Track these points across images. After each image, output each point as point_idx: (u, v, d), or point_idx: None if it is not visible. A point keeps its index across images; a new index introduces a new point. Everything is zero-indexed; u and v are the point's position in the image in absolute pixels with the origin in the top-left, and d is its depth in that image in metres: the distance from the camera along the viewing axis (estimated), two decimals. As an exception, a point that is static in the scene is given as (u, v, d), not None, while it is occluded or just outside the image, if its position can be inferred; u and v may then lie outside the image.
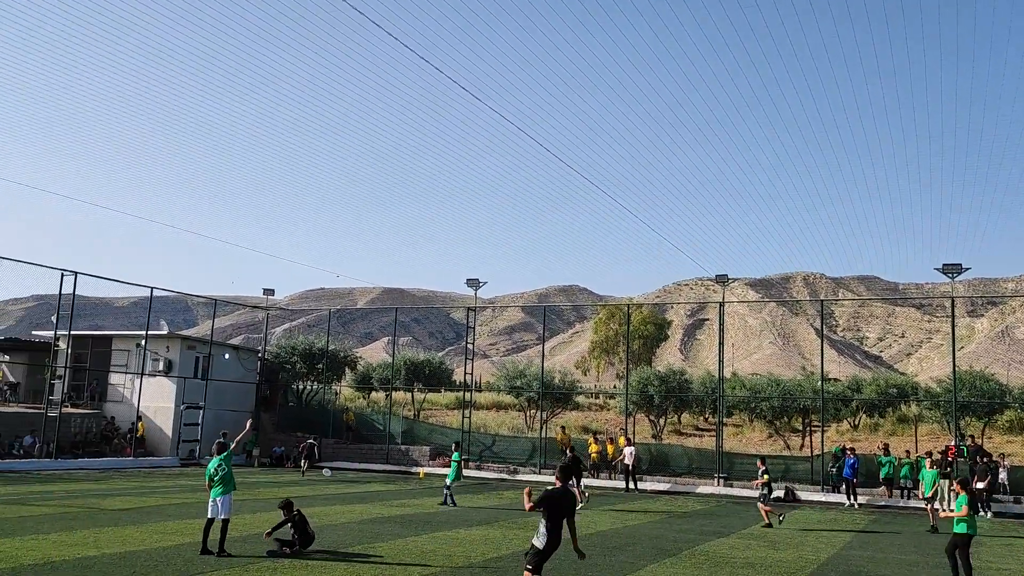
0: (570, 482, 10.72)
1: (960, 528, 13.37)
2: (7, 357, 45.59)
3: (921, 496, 25.42)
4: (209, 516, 14.16)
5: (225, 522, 14.12)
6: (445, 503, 24.28)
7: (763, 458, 24.86)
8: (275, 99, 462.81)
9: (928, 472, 23.91)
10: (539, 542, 9.95)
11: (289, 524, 14.68)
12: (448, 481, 24.83)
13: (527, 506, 10.10)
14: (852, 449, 31.40)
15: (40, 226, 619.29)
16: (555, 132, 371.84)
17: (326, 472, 35.39)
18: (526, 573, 9.91)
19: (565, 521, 10.07)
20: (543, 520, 10.00)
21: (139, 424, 39.11)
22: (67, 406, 37.65)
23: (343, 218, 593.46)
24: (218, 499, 14.11)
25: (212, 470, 14.30)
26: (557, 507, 10.03)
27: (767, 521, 21.96)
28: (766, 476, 22.83)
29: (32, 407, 37.88)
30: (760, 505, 22.29)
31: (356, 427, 44.12)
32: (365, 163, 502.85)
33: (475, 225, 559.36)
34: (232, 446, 14.99)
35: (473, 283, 42.13)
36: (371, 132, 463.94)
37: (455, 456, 25.41)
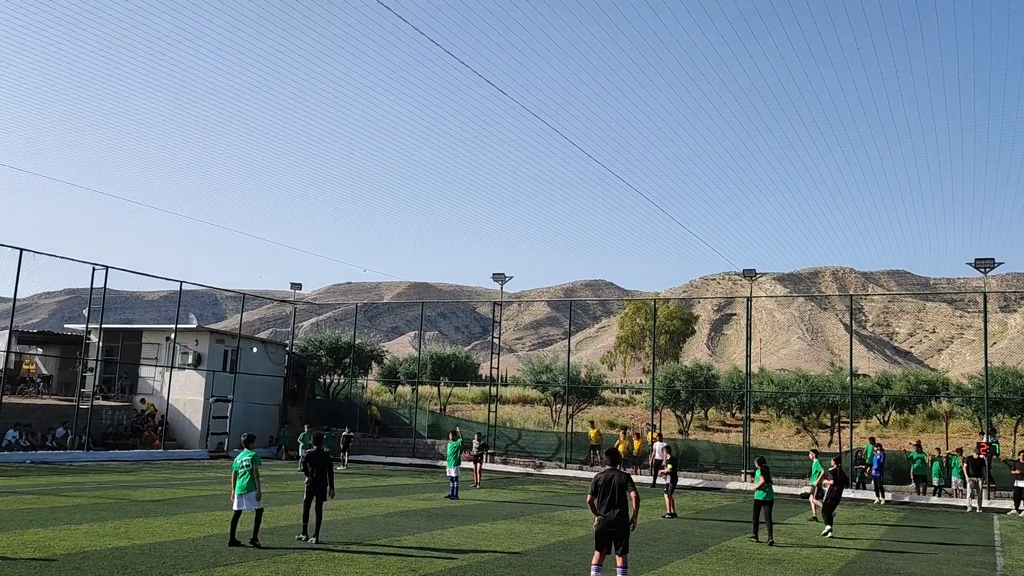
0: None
1: (758, 496, 17.85)
2: (40, 350, 46.23)
3: (809, 486, 25.02)
4: (235, 508, 14.17)
5: (259, 512, 14.20)
6: (454, 496, 24.41)
7: (668, 447, 25.59)
8: (304, 97, 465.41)
9: (816, 463, 23.11)
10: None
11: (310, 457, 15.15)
12: (454, 472, 24.92)
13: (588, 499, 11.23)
14: (879, 445, 31.11)
15: (72, 220, 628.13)
16: (582, 127, 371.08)
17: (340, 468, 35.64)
18: (596, 553, 10.95)
19: (622, 498, 10.92)
20: None
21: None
22: (98, 399, 38.13)
23: (370, 213, 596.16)
24: (242, 495, 14.05)
25: (238, 464, 14.29)
26: (602, 488, 10.93)
27: (671, 511, 22.26)
28: (670, 466, 23.36)
29: (64, 399, 38.41)
30: (666, 496, 22.64)
31: (381, 420, 44.30)
32: (391, 158, 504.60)
33: (501, 220, 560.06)
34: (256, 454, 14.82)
35: (499, 278, 42.13)
36: (398, 128, 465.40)
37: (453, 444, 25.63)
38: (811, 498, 24.06)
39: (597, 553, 10.86)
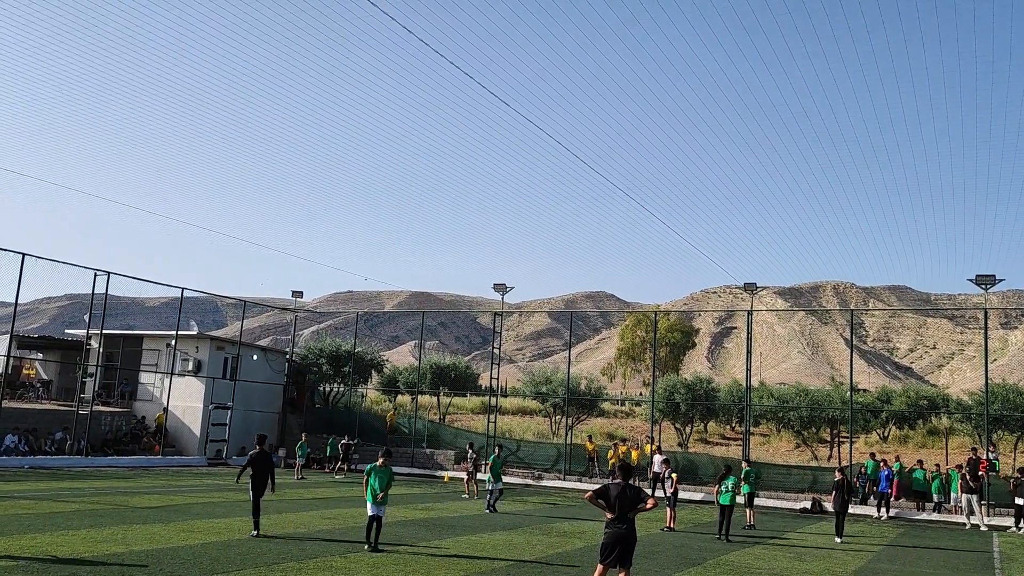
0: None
1: (723, 500, 20.72)
2: (40, 355, 46.26)
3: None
4: (370, 514, 15.44)
5: (380, 519, 15.53)
6: (491, 509, 24.16)
7: (667, 460, 25.72)
8: (304, 103, 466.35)
9: (747, 471, 24.45)
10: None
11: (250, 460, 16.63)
12: (492, 486, 24.68)
13: (586, 496, 11.16)
14: (884, 461, 31.09)
15: (74, 226, 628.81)
16: (584, 138, 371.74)
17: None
18: (598, 567, 10.86)
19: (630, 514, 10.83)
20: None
21: (159, 416, 39.51)
22: (98, 404, 38.12)
23: (372, 222, 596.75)
24: (376, 503, 15.41)
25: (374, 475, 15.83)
26: (615, 501, 10.77)
27: (670, 525, 22.27)
28: (675, 475, 23.59)
29: (64, 405, 38.40)
30: (668, 509, 22.62)
31: (396, 428, 43.79)
32: (394, 167, 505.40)
33: (503, 230, 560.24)
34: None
35: (500, 288, 42.11)
36: (400, 137, 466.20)
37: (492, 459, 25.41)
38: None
39: (600, 566, 10.83)
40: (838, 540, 21.03)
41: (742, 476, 24.42)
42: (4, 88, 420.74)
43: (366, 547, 15.21)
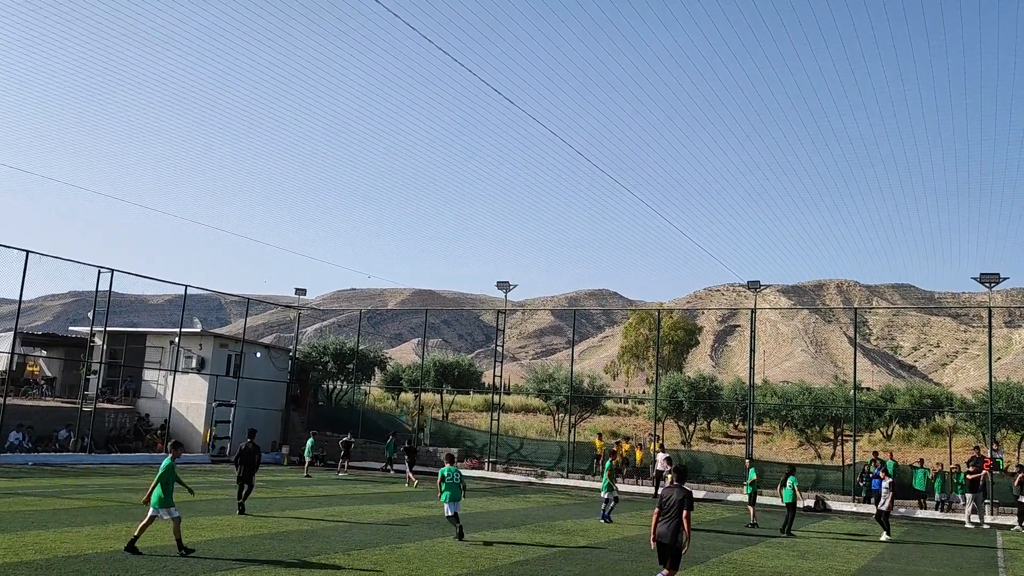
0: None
1: (786, 499, 22.45)
2: (44, 352, 46.32)
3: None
4: (447, 514, 16.86)
5: (456, 514, 16.78)
6: (607, 517, 22.71)
7: (669, 457, 25.72)
8: (309, 102, 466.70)
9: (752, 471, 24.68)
10: None
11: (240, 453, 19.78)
12: (607, 493, 22.94)
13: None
14: (875, 460, 31.00)
15: (78, 223, 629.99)
16: (588, 136, 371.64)
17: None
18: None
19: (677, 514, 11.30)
20: None
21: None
22: (102, 402, 38.19)
23: (375, 220, 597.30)
24: (446, 504, 16.68)
25: (448, 476, 17.22)
26: (663, 503, 11.53)
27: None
28: (671, 476, 22.91)
29: (68, 402, 38.45)
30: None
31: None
32: (398, 166, 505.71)
33: (506, 228, 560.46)
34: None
35: (503, 286, 42.12)
36: (404, 135, 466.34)
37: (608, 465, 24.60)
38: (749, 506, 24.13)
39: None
40: (885, 537, 21.96)
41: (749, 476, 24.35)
42: (8, 84, 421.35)
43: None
